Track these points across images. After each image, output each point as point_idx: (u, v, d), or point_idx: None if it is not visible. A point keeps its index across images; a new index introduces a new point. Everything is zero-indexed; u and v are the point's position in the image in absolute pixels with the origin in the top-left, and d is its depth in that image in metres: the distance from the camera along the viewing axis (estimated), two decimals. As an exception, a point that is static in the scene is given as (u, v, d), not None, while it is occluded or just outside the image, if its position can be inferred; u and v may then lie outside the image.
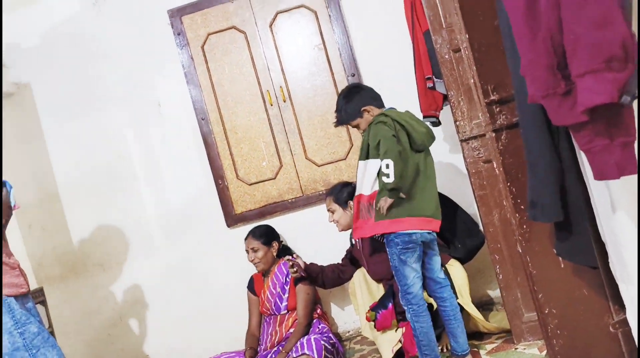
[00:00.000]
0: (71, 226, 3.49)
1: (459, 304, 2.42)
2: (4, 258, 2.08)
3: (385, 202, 2.21)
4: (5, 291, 2.01)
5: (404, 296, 2.31)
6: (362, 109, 2.37)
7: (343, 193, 2.79)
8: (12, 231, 2.93)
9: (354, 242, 2.90)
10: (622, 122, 1.04)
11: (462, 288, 2.61)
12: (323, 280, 2.94)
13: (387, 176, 2.17)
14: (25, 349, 1.97)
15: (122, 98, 3.45)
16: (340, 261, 3.01)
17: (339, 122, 2.47)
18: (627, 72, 1.00)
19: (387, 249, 2.31)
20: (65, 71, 3.47)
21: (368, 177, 2.29)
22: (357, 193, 2.36)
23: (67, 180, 3.49)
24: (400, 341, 2.56)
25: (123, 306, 3.48)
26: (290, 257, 2.90)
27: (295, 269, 2.84)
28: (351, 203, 2.72)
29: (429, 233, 2.31)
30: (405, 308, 2.32)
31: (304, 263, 2.90)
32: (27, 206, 3.47)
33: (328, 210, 2.83)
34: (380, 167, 2.21)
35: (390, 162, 2.17)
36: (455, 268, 2.69)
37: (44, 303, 2.99)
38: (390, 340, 2.58)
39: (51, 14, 3.47)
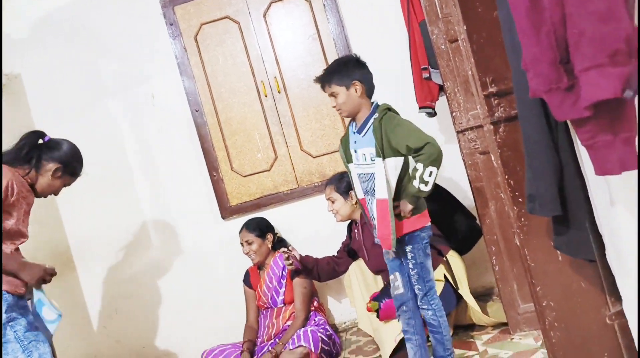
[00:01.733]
0: (65, 220, 3.47)
1: (459, 294, 2.40)
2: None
3: (407, 206, 2.07)
4: (4, 286, 2.05)
5: (427, 294, 2.15)
6: (354, 81, 2.10)
7: (343, 182, 2.73)
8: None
9: (353, 234, 2.89)
10: (624, 117, 1.03)
11: (462, 279, 2.61)
12: (318, 272, 2.92)
13: (425, 184, 2.01)
14: (16, 341, 2.01)
15: (116, 89, 3.41)
16: (336, 254, 3.00)
17: (320, 78, 2.17)
18: (631, 66, 0.99)
19: (407, 247, 2.14)
20: (57, 62, 3.42)
21: (387, 178, 2.06)
22: (377, 197, 2.09)
23: (59, 173, 3.45)
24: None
25: (119, 299, 3.46)
26: (285, 249, 2.89)
27: (290, 261, 2.82)
28: (352, 193, 2.58)
29: None
30: (427, 306, 2.16)
31: (299, 255, 2.89)
32: (20, 199, 3.43)
33: (327, 199, 2.77)
34: (418, 172, 2.01)
35: (435, 170, 2.01)
36: (455, 258, 2.68)
37: (38, 297, 2.97)
38: (393, 330, 2.55)
39: (42, 2, 3.41)
